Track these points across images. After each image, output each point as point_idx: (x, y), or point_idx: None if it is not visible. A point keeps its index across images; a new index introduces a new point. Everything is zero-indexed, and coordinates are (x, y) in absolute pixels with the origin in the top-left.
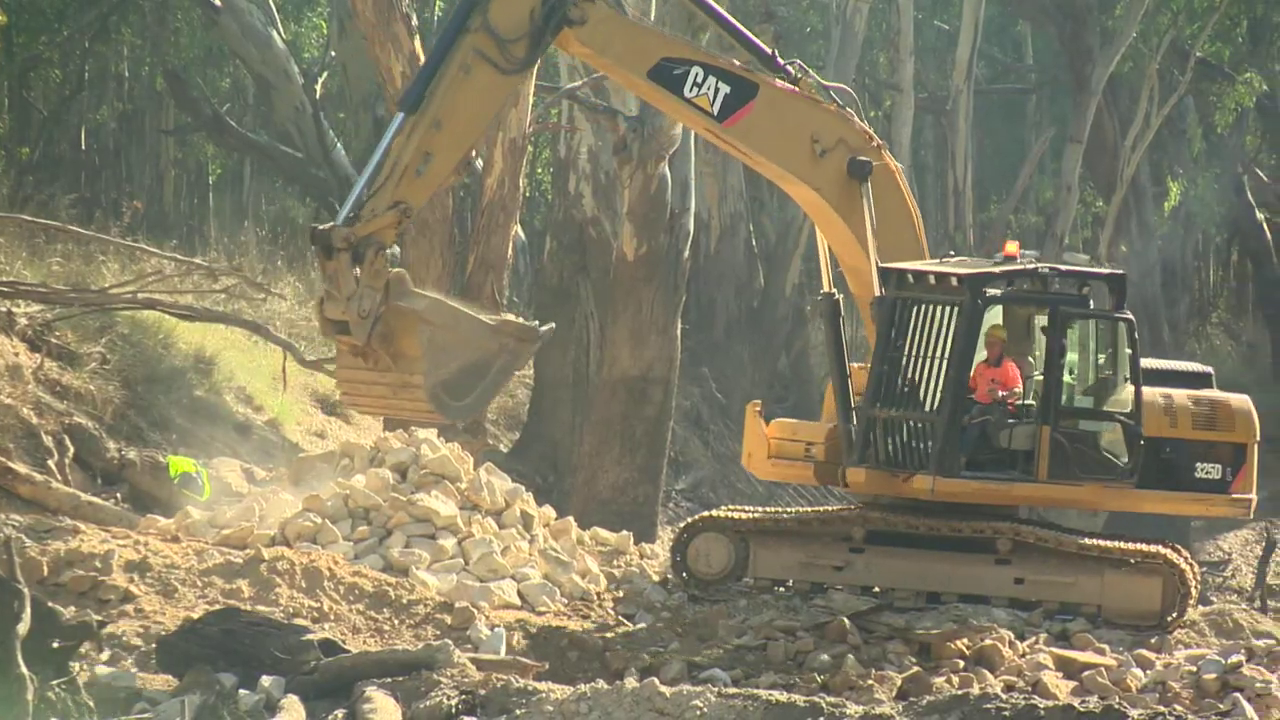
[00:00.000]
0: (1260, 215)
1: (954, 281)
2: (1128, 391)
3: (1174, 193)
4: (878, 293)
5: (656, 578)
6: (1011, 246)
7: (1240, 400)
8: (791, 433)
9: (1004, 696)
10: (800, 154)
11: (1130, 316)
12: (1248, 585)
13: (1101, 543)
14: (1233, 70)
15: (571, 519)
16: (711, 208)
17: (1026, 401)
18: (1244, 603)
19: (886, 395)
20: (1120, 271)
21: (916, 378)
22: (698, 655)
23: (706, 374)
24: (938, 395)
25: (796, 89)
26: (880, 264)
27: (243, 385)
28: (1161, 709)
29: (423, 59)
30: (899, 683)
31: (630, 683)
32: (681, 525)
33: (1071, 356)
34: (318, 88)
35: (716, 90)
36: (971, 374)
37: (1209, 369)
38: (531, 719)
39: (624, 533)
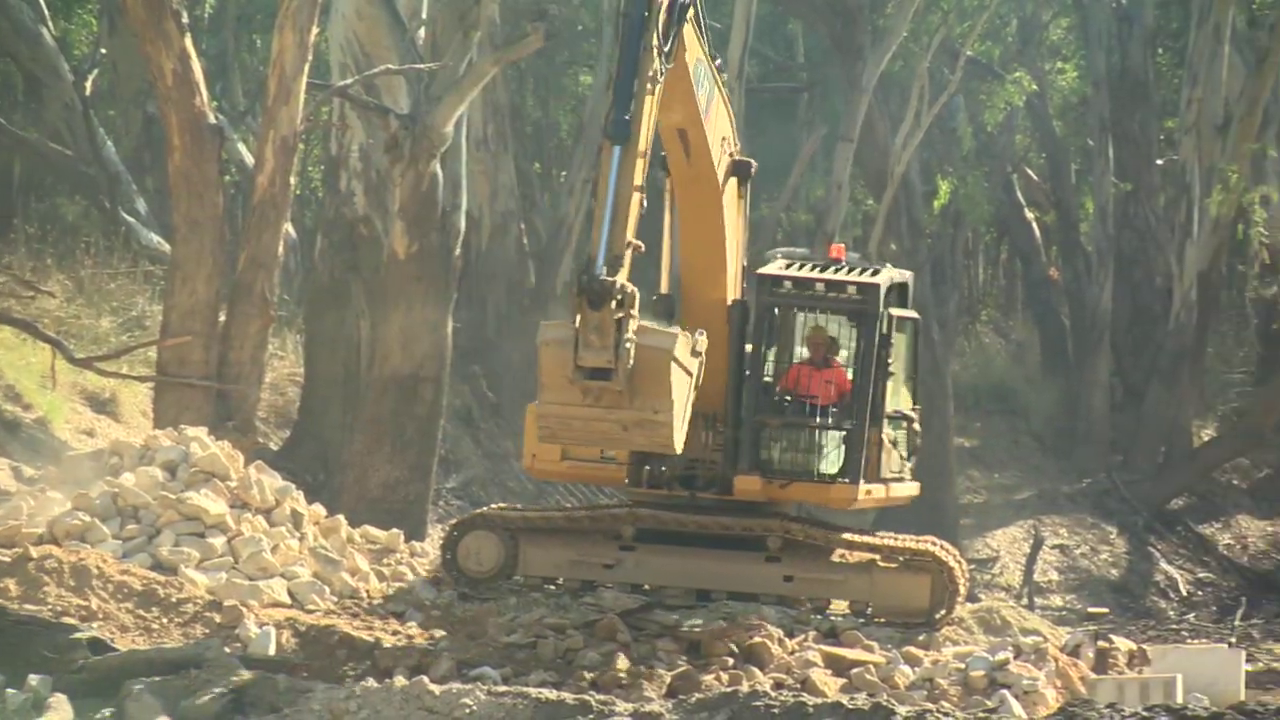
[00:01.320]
0: (1029, 214)
1: (852, 290)
2: (904, 392)
3: (944, 191)
4: (735, 296)
5: (427, 576)
6: (837, 248)
7: None
8: None
9: (773, 694)
10: (720, 152)
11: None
12: (1015, 583)
13: (870, 540)
14: (1002, 69)
15: (342, 517)
16: (483, 206)
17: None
18: (1012, 600)
19: (775, 403)
20: (909, 272)
21: (807, 385)
22: (467, 653)
23: (478, 372)
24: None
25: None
26: (759, 270)
27: (11, 383)
28: (929, 706)
29: (194, 56)
30: (669, 680)
31: (399, 681)
32: (452, 523)
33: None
34: (88, 85)
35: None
36: (793, 375)
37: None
38: (300, 717)
39: (394, 531)
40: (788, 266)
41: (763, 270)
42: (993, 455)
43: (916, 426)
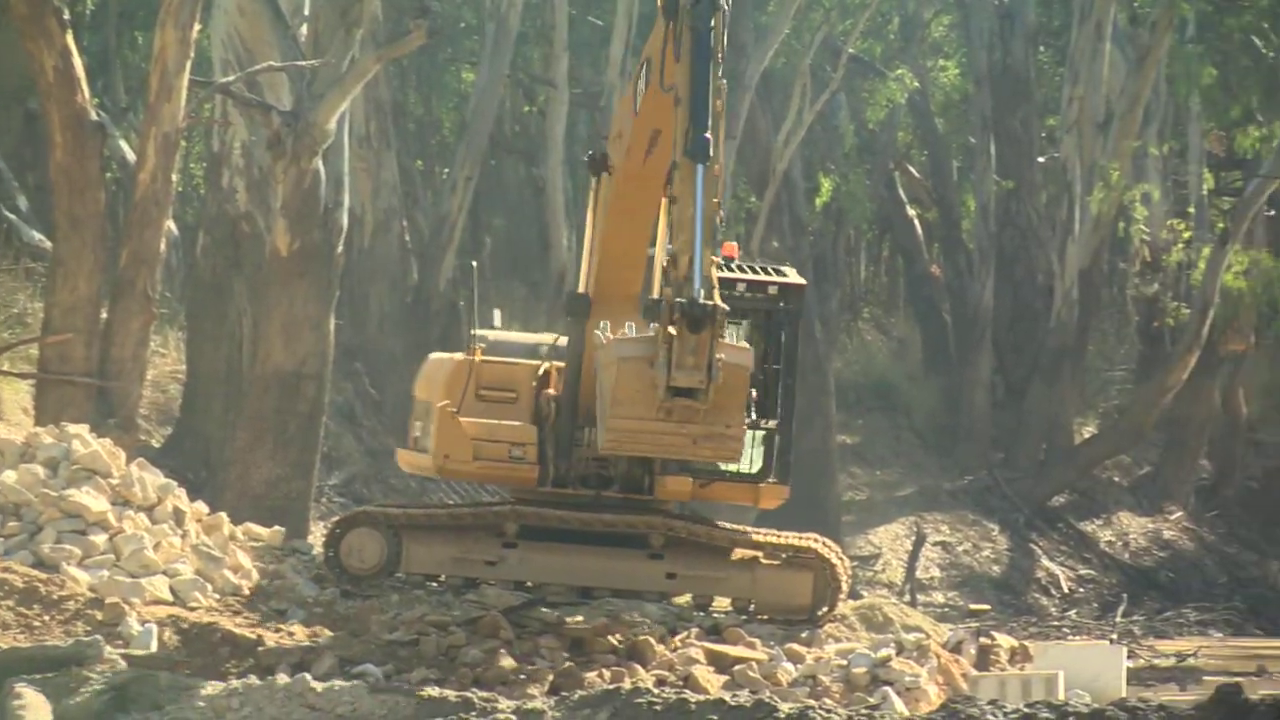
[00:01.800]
0: (911, 211)
1: (772, 290)
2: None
3: (826, 188)
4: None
5: (309, 573)
6: (729, 246)
7: None
8: (489, 433)
9: (655, 691)
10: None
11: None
12: (898, 579)
13: (753, 537)
14: (884, 67)
15: (224, 514)
16: (365, 203)
17: None
18: (894, 597)
19: None
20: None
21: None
22: (350, 651)
23: (360, 369)
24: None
25: None
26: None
27: None
28: (811, 703)
29: (75, 52)
30: (551, 678)
31: (282, 678)
32: (334, 521)
33: None
34: None
35: None
36: None
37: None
38: (182, 715)
39: (277, 528)
40: None
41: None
42: (874, 452)
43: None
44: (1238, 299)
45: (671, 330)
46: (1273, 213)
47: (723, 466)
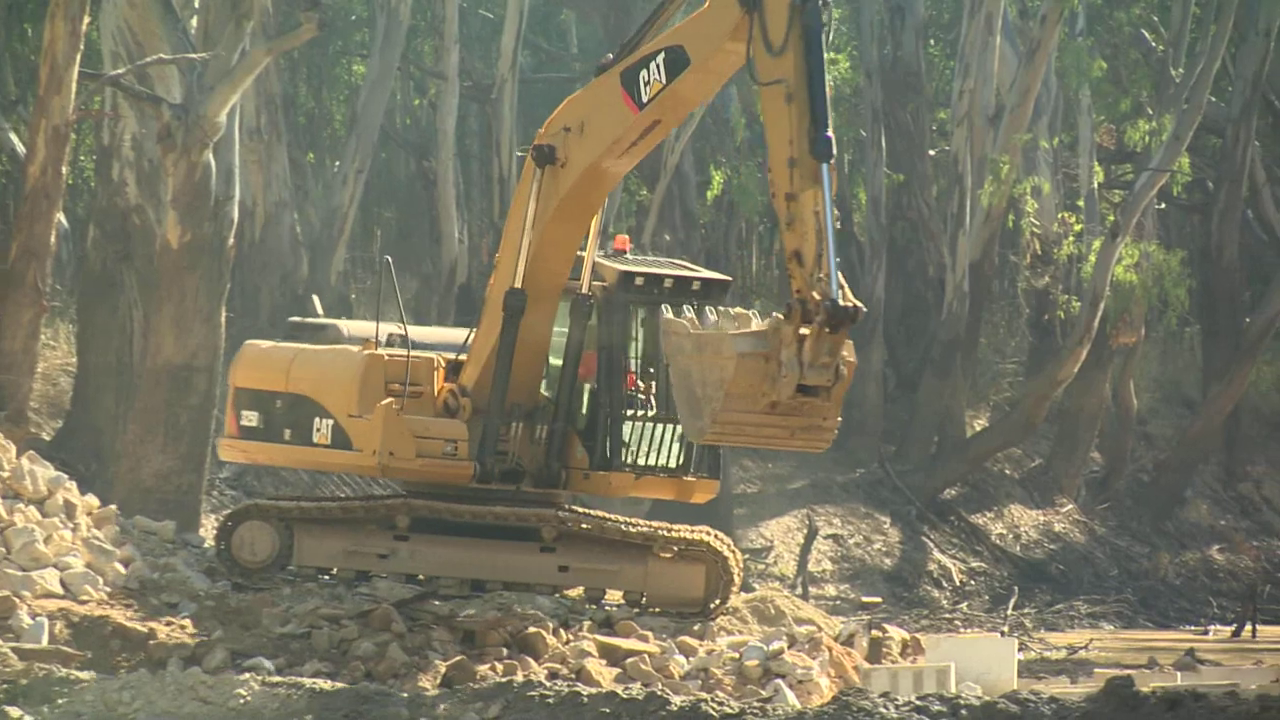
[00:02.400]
0: None
1: (695, 285)
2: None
3: (717, 182)
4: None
5: (200, 566)
6: (621, 239)
7: None
8: (424, 429)
9: (547, 684)
10: None
11: None
12: (790, 572)
13: (645, 530)
14: None
15: (115, 507)
16: (256, 196)
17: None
18: (786, 590)
19: (634, 399)
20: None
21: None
22: (241, 644)
23: None
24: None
25: None
26: (623, 268)
27: None
28: (704, 696)
29: None
30: (443, 670)
31: (173, 671)
32: (225, 514)
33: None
34: None
35: None
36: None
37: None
38: (74, 708)
39: (167, 522)
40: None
41: (623, 267)
42: None
43: None
44: (1128, 292)
45: (804, 330)
46: (1163, 206)
47: (646, 462)
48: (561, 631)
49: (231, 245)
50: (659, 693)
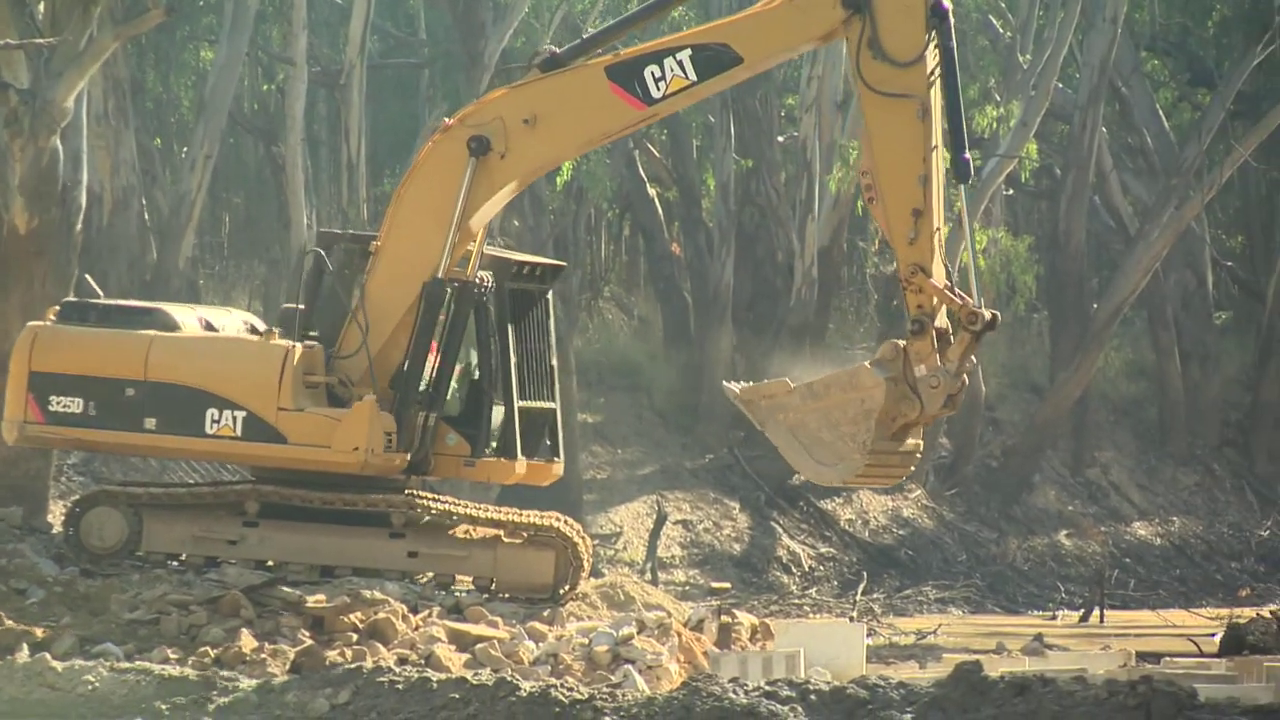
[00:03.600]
0: (651, 191)
1: (538, 271)
2: None
3: (566, 168)
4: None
5: (49, 552)
6: None
7: None
8: (386, 424)
9: (397, 670)
10: None
11: None
12: (639, 558)
13: (495, 516)
14: (623, 46)
15: None
16: (104, 181)
17: None
18: (635, 575)
19: (521, 385)
20: None
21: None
22: (90, 630)
23: None
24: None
25: None
26: (496, 254)
27: None
28: (553, 681)
29: None
30: (293, 656)
31: (21, 658)
32: (74, 499)
33: None
34: None
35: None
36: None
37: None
38: None
39: (15, 508)
40: None
41: (498, 254)
42: (616, 431)
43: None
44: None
45: (931, 344)
46: (1011, 192)
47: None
48: (411, 617)
49: (79, 230)
50: (508, 678)
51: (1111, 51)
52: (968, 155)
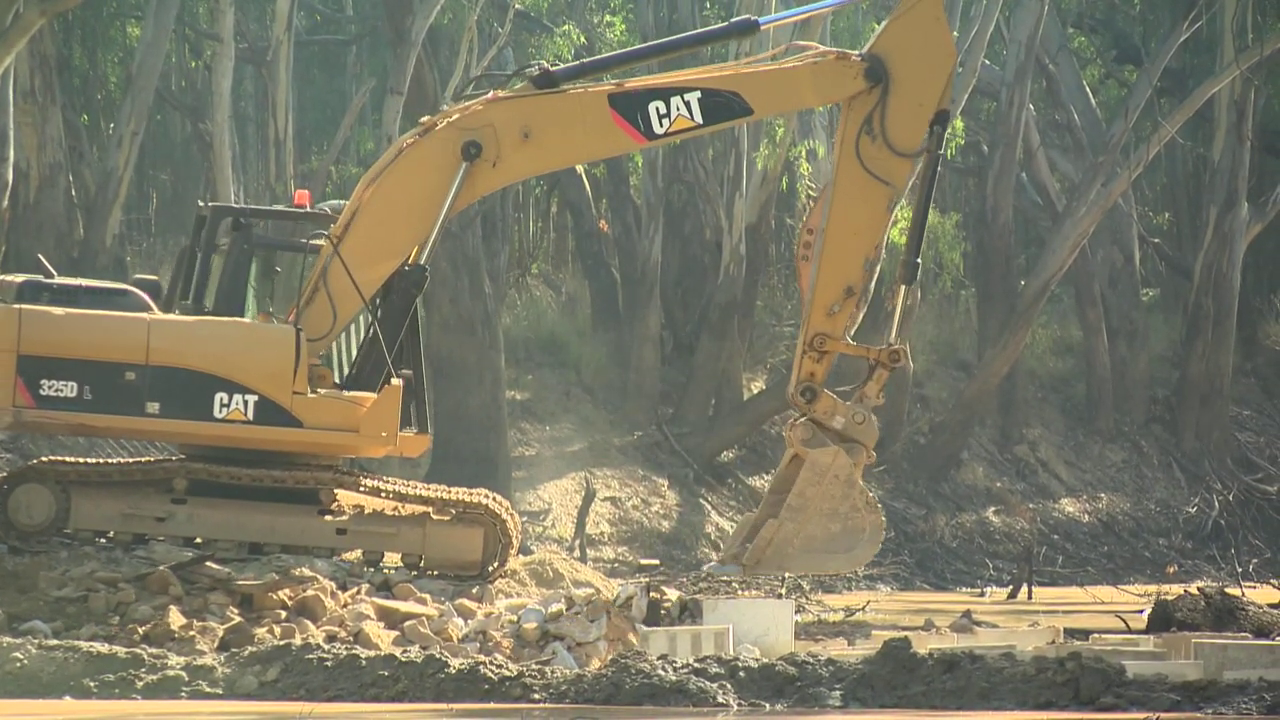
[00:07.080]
0: (579, 168)
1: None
2: None
3: None
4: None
5: None
6: (301, 195)
7: None
8: None
9: (326, 647)
10: None
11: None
12: (568, 535)
13: (422, 493)
14: (551, 23)
15: None
16: (30, 158)
17: None
18: (564, 552)
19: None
20: None
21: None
22: (18, 607)
23: None
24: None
25: None
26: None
27: None
28: (482, 659)
29: None
30: (221, 634)
31: None
32: (1, 476)
33: None
34: None
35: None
36: None
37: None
38: None
39: None
40: None
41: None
42: (544, 408)
43: None
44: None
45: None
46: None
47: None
48: (340, 594)
49: (5, 208)
50: (437, 655)
51: (1039, 28)
52: (919, 259)
